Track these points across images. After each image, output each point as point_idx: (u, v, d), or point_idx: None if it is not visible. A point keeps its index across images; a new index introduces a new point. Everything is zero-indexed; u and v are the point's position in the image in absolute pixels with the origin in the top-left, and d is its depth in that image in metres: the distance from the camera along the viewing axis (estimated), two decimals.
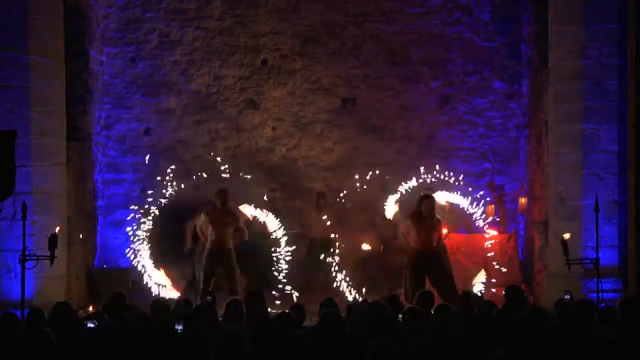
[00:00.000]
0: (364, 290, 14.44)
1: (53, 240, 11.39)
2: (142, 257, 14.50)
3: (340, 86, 16.92)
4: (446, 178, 15.02)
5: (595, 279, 11.61)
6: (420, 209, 13.44)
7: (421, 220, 13.38)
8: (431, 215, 13.42)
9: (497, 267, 14.79)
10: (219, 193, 13.83)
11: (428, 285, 13.06)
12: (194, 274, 14.49)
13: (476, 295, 10.40)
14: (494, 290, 14.49)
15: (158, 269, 14.61)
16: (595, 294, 11.52)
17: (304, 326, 9.07)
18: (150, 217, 14.73)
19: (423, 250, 13.30)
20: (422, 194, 13.88)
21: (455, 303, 9.82)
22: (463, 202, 14.70)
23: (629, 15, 13.14)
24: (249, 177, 15.59)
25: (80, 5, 15.25)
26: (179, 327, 8.41)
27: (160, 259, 14.80)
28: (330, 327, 8.17)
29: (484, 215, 14.89)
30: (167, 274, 14.67)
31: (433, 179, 15.04)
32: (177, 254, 14.90)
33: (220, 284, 13.89)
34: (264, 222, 14.56)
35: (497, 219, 15.76)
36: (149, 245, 14.72)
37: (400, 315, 8.84)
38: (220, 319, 9.33)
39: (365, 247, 15.75)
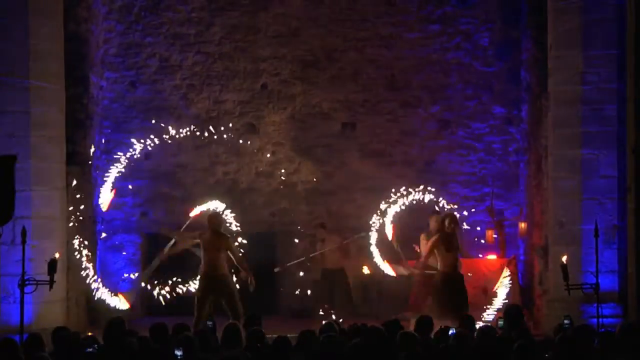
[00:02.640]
0: None
1: (52, 265, 11.38)
2: None
3: (339, 111, 16.95)
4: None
5: (595, 304, 11.59)
6: (444, 229, 13.09)
7: (447, 241, 13.07)
8: (454, 235, 13.11)
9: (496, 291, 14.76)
10: (210, 217, 13.40)
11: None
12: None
13: (473, 320, 10.35)
14: (495, 315, 14.47)
15: None
16: (595, 319, 11.50)
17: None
18: None
19: (451, 273, 13.07)
20: (442, 212, 13.65)
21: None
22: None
23: (627, 40, 13.18)
24: None
25: (80, 30, 15.31)
26: (179, 353, 8.38)
27: None
28: (330, 353, 8.15)
29: None
30: None
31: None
32: None
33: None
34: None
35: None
36: None
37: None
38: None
39: (366, 271, 15.72)
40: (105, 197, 14.19)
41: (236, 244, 13.72)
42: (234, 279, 13.32)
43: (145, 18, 16.84)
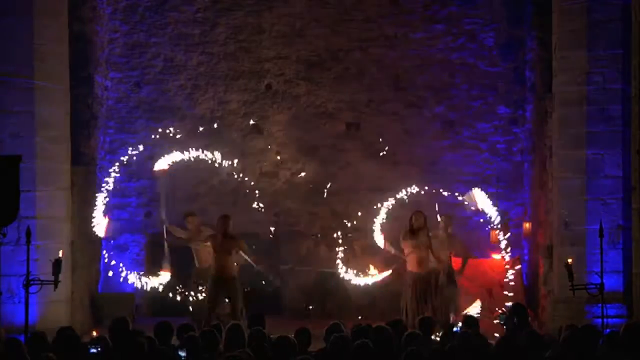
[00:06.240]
0: None
1: (57, 264, 11.40)
2: None
3: (344, 111, 16.94)
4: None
5: (599, 305, 11.60)
6: (411, 225, 13.31)
7: (413, 238, 13.26)
8: (423, 232, 13.28)
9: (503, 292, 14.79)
10: (220, 219, 13.69)
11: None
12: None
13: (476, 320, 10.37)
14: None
15: None
16: (599, 320, 11.51)
17: (309, 351, 9.03)
18: None
19: (420, 273, 13.20)
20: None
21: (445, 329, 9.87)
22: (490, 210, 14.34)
23: (632, 40, 13.16)
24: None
25: (85, 30, 15.32)
26: (183, 354, 8.40)
27: None
28: (339, 352, 8.17)
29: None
30: None
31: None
32: None
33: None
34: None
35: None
36: None
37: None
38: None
39: (372, 271, 15.72)
40: (101, 223, 14.16)
41: None
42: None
43: (150, 18, 16.85)
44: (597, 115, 13.48)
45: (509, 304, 13.55)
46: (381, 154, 16.19)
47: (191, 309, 14.21)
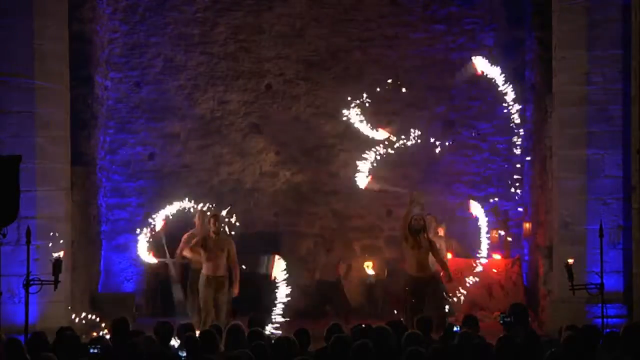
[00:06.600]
0: None
1: (57, 265, 11.40)
2: None
3: (344, 111, 16.92)
4: None
5: (599, 305, 11.60)
6: (411, 226, 13.08)
7: (413, 240, 13.04)
8: (424, 235, 13.07)
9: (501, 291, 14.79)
10: (212, 218, 13.57)
11: None
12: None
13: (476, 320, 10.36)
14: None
15: None
16: (600, 320, 11.50)
17: (309, 351, 9.03)
18: None
19: (420, 277, 13.01)
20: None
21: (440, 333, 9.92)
22: None
23: (632, 40, 13.16)
24: None
25: (85, 30, 15.33)
26: (183, 354, 8.40)
27: None
28: (339, 352, 8.18)
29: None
30: None
31: None
32: None
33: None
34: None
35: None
36: None
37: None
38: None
39: (370, 271, 15.74)
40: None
41: None
42: None
43: (149, 18, 16.86)
44: (597, 115, 13.47)
45: None
46: None
47: (189, 310, 14.18)
